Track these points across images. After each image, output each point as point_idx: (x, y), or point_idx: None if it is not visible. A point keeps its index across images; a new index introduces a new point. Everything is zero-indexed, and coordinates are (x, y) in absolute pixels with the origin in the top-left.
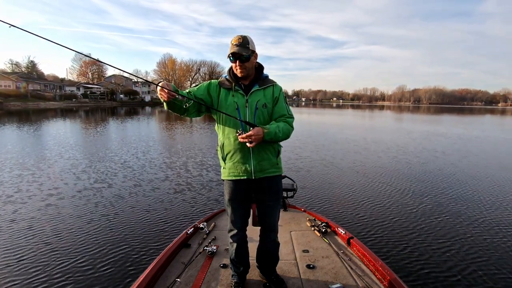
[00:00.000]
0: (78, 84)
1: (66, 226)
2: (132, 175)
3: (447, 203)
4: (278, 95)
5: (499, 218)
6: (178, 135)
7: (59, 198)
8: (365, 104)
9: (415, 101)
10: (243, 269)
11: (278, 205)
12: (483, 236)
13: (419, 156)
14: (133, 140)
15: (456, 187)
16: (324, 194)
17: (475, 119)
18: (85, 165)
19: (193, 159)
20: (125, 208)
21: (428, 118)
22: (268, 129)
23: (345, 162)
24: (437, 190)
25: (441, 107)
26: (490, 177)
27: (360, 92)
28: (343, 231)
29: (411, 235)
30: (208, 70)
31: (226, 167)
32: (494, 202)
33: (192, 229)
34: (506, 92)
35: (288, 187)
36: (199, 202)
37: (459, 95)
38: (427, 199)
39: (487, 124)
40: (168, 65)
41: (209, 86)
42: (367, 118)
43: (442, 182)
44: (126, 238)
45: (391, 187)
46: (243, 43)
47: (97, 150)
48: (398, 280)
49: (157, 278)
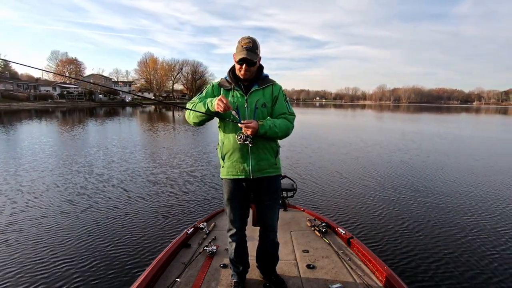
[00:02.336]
0: (54, 83)
1: (65, 226)
2: (131, 175)
3: (447, 203)
4: (277, 94)
5: (500, 218)
6: (171, 136)
7: (58, 198)
8: (347, 104)
9: (395, 100)
10: (243, 269)
11: (277, 205)
12: (484, 236)
13: (418, 156)
14: (126, 140)
15: (456, 187)
16: (324, 194)
17: (458, 117)
18: (85, 165)
19: (193, 159)
20: (125, 208)
21: (413, 117)
22: (263, 123)
23: (345, 162)
24: (437, 190)
25: (420, 106)
26: (492, 177)
27: (342, 91)
28: (343, 231)
29: (411, 235)
30: (190, 69)
31: (225, 166)
32: (495, 202)
33: (192, 229)
34: (480, 91)
35: (288, 187)
36: (199, 202)
37: (437, 94)
38: (427, 199)
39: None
40: (149, 65)
41: (212, 89)
42: (355, 117)
43: (442, 182)
44: (126, 238)
45: (391, 187)
46: (253, 48)
47: (95, 150)
48: (398, 280)
49: (157, 278)
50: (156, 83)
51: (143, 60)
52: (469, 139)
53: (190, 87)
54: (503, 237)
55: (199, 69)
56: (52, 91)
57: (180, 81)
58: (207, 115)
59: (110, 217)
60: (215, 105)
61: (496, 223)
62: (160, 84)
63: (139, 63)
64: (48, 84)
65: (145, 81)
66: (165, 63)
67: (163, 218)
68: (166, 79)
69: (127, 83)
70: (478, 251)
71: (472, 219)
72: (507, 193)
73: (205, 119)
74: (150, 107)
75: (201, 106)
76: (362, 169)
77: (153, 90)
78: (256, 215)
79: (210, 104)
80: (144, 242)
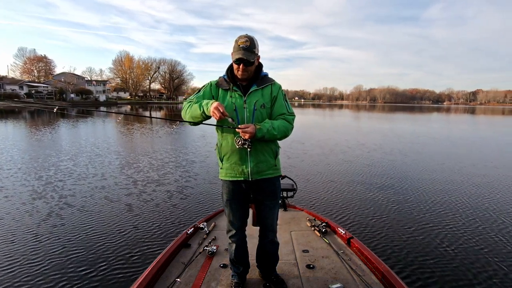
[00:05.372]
0: (21, 82)
1: (65, 226)
2: (131, 175)
3: (448, 203)
4: (276, 94)
5: (502, 217)
6: (162, 136)
7: (58, 197)
8: (326, 103)
9: (371, 100)
10: (243, 269)
11: (276, 205)
12: (484, 236)
13: (418, 157)
14: (120, 142)
15: (456, 187)
16: (324, 194)
17: (436, 117)
18: (85, 166)
19: (192, 159)
20: (125, 208)
21: (395, 117)
22: (260, 126)
23: (345, 163)
24: (437, 190)
25: (395, 105)
26: (494, 177)
27: (321, 91)
28: (343, 231)
29: (411, 234)
30: (168, 68)
31: (224, 167)
32: (496, 203)
33: (192, 229)
34: (450, 92)
35: (288, 187)
36: (199, 202)
37: (410, 95)
38: (427, 198)
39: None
40: (124, 63)
41: (210, 89)
42: (341, 117)
43: (442, 182)
44: (126, 238)
45: (391, 187)
46: (250, 48)
47: (93, 151)
48: (398, 280)
49: (157, 278)
50: (133, 83)
51: (118, 58)
52: (469, 139)
53: (168, 86)
54: (506, 236)
55: (177, 68)
56: (18, 90)
57: (157, 81)
58: (202, 118)
59: (110, 217)
60: (210, 111)
61: (497, 223)
62: (137, 84)
63: (114, 62)
64: (14, 82)
65: (121, 80)
66: (141, 61)
67: (163, 218)
68: (143, 78)
69: (101, 82)
70: (478, 251)
71: (472, 219)
72: (507, 192)
73: (201, 120)
74: (126, 107)
75: (197, 108)
76: (363, 170)
77: (129, 89)
78: (256, 215)
79: (205, 107)
80: (144, 242)
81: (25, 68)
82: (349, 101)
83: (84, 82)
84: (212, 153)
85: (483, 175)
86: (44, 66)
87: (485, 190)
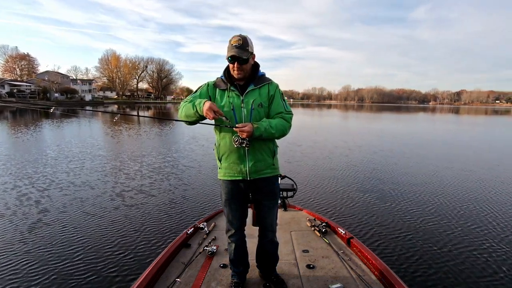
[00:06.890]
0: (3, 81)
1: (66, 226)
2: (131, 176)
3: (448, 203)
4: (273, 93)
5: (502, 217)
6: (162, 136)
7: (58, 198)
8: (314, 103)
9: (359, 100)
10: (243, 269)
11: (275, 205)
12: (484, 235)
13: (418, 157)
14: (118, 142)
15: (456, 187)
16: (324, 194)
17: (423, 116)
18: (84, 165)
19: (192, 159)
20: (125, 208)
21: (385, 116)
22: (258, 125)
23: (345, 163)
24: (437, 190)
25: (382, 105)
26: (495, 177)
27: (309, 91)
28: (343, 231)
29: (411, 235)
30: (156, 67)
31: (222, 167)
32: (497, 202)
33: (192, 229)
34: (435, 92)
35: (288, 187)
36: (199, 202)
37: (397, 95)
38: (427, 198)
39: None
40: (111, 62)
41: (207, 89)
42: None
43: (442, 182)
44: (126, 238)
45: (391, 187)
46: (243, 46)
47: (92, 151)
48: (398, 280)
49: (157, 278)
50: (120, 82)
51: (105, 57)
52: (468, 140)
53: (156, 86)
54: (504, 237)
55: (165, 67)
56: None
57: (145, 80)
58: (197, 117)
59: (110, 217)
60: (204, 111)
61: (497, 223)
62: (124, 83)
63: (101, 60)
64: None
65: (107, 79)
66: (128, 60)
67: (163, 218)
68: (130, 78)
69: (87, 81)
70: (479, 251)
71: (472, 218)
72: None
73: (196, 119)
74: (113, 106)
75: (190, 107)
76: (362, 170)
77: (116, 88)
78: (255, 215)
79: (198, 107)
80: (144, 242)
81: (6, 67)
82: (338, 101)
83: (69, 81)
84: (212, 152)
85: (483, 175)
86: (27, 64)
87: (485, 190)
